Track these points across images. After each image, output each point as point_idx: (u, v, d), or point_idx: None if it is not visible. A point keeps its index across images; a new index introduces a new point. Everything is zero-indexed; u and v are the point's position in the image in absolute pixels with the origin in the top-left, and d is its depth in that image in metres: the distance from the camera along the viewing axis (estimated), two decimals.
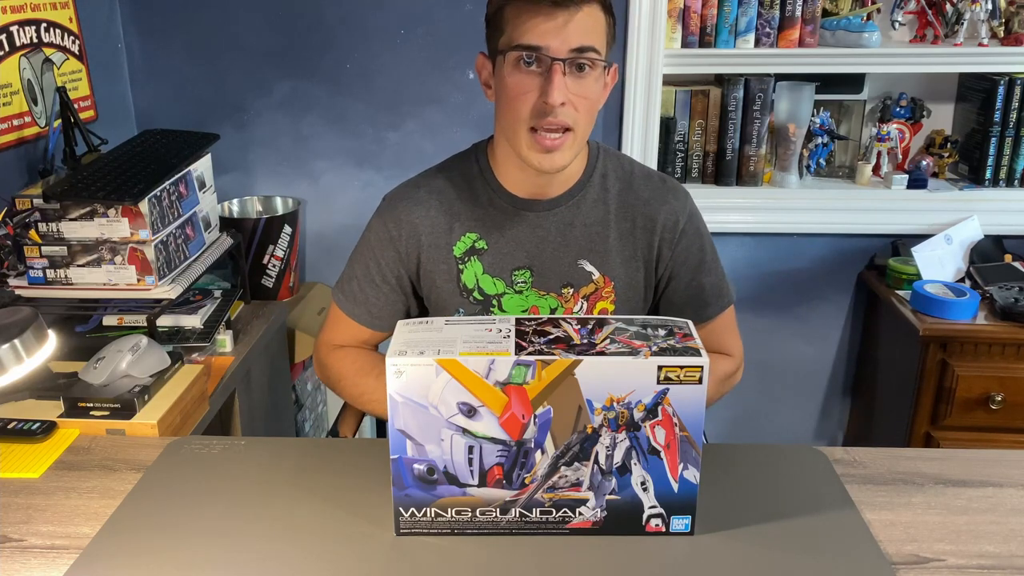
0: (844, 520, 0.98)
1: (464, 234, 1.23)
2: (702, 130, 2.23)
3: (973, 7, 2.08)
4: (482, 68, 1.18)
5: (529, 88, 1.08)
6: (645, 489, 0.92)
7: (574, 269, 1.23)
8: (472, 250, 1.23)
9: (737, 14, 2.10)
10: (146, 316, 1.52)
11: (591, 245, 1.22)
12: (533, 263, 1.22)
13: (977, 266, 2.09)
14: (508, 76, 1.09)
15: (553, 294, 1.23)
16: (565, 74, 1.06)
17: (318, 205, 2.28)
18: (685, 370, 0.87)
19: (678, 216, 1.23)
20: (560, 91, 1.06)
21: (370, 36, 2.13)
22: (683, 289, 1.25)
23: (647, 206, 1.23)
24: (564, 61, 1.06)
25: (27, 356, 0.93)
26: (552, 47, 1.05)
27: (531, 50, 1.06)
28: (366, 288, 1.25)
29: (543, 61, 1.06)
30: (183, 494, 1.04)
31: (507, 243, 1.22)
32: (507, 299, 1.23)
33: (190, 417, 1.35)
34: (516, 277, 1.23)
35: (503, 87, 1.11)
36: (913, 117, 2.29)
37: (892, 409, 2.13)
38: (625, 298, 1.24)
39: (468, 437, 0.90)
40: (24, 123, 1.71)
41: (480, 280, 1.23)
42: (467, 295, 1.24)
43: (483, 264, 1.23)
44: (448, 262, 1.23)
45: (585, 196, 1.22)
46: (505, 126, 1.13)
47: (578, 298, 1.23)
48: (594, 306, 1.24)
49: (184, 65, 2.17)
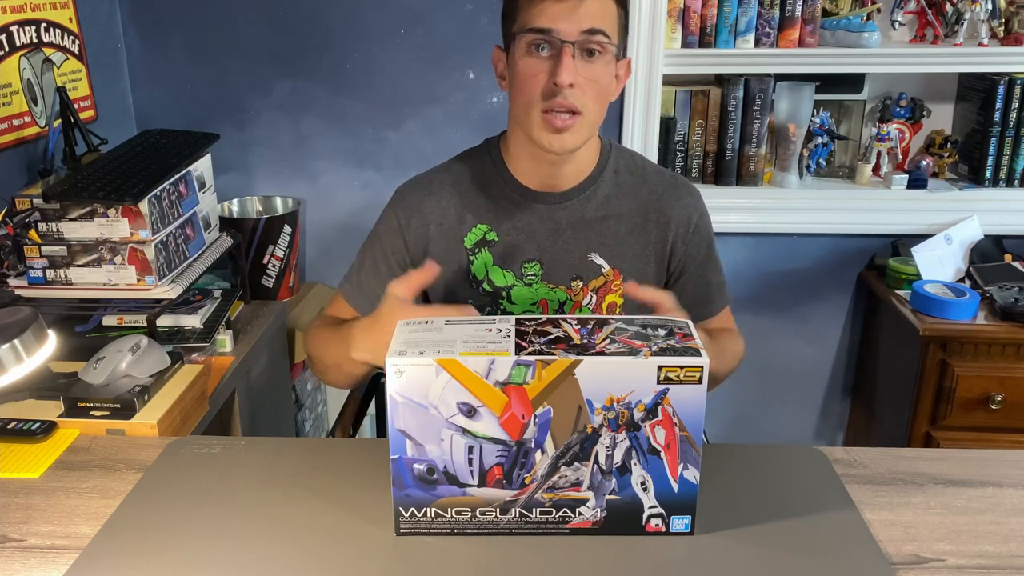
0: (844, 520, 0.98)
1: (475, 225, 1.23)
2: (702, 130, 2.23)
3: (973, 7, 2.08)
4: (498, 61, 1.20)
5: (539, 70, 1.10)
6: (645, 489, 0.92)
7: (584, 262, 1.23)
8: (483, 241, 1.23)
9: (737, 14, 2.10)
10: (146, 316, 1.52)
11: (602, 238, 1.23)
12: (543, 255, 1.23)
13: (977, 266, 2.09)
14: (520, 59, 1.11)
15: (562, 287, 1.24)
16: (575, 57, 1.08)
17: (318, 205, 2.28)
18: (685, 370, 0.87)
19: (691, 213, 1.25)
20: (569, 71, 1.07)
21: (370, 36, 2.13)
22: (692, 284, 1.27)
23: (660, 201, 1.24)
24: (574, 44, 1.08)
25: (27, 356, 0.93)
26: (562, 30, 1.07)
27: (541, 32, 1.08)
28: (371, 279, 1.25)
29: (553, 44, 1.08)
30: (183, 494, 1.04)
31: (518, 235, 1.23)
32: (516, 291, 1.24)
33: (190, 417, 1.35)
34: (526, 269, 1.23)
35: (515, 72, 1.13)
36: (913, 117, 2.29)
37: (892, 409, 2.13)
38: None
39: (468, 437, 0.90)
40: (24, 123, 1.71)
41: (490, 271, 1.23)
42: (476, 286, 1.24)
43: (493, 256, 1.23)
44: (459, 253, 1.23)
45: (597, 190, 1.23)
46: (517, 110, 1.15)
47: (587, 291, 1.24)
48: (603, 299, 1.24)
49: (184, 65, 2.17)
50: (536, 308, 1.24)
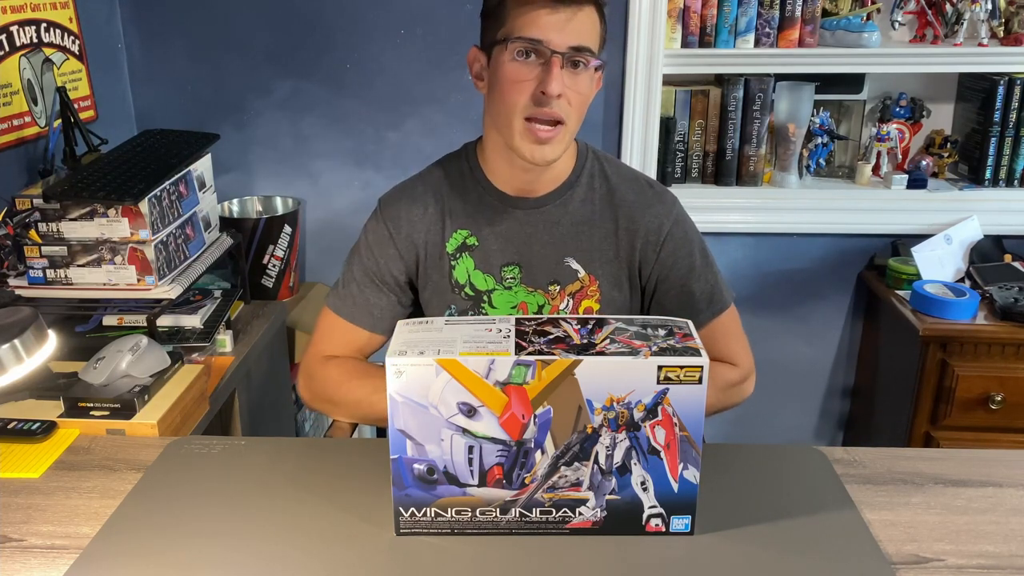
0: (844, 520, 0.98)
1: (456, 230, 1.23)
2: (702, 130, 2.23)
3: (973, 7, 2.08)
4: (474, 61, 1.19)
5: (527, 77, 1.09)
6: (645, 489, 0.92)
7: (561, 267, 1.23)
8: (463, 246, 1.23)
9: (737, 14, 2.10)
10: (146, 316, 1.52)
11: (577, 243, 1.23)
12: (522, 259, 1.23)
13: (977, 266, 2.09)
14: (506, 64, 1.10)
15: (540, 291, 1.24)
16: (563, 67, 1.08)
17: (318, 205, 2.28)
18: (685, 370, 0.87)
19: (662, 221, 1.23)
20: (559, 82, 1.08)
21: (370, 36, 2.13)
22: (673, 294, 1.24)
23: (630, 209, 1.23)
24: (563, 55, 1.08)
25: (27, 356, 0.93)
26: (553, 41, 1.08)
27: (532, 42, 1.08)
28: (367, 290, 1.24)
29: (542, 54, 1.08)
30: (183, 494, 1.04)
31: (496, 239, 1.23)
32: (497, 295, 1.24)
33: (190, 417, 1.35)
34: (505, 273, 1.23)
35: (499, 76, 1.12)
36: (913, 117, 2.29)
37: (892, 409, 2.13)
38: (610, 297, 1.24)
39: (468, 437, 0.90)
40: (24, 123, 1.71)
41: (472, 276, 1.24)
42: (459, 291, 1.24)
43: (474, 260, 1.23)
44: (442, 258, 1.24)
45: (572, 195, 1.23)
46: (498, 116, 1.14)
47: (564, 295, 1.24)
48: (579, 304, 1.24)
49: (184, 65, 2.17)
50: (517, 311, 1.24)
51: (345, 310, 1.25)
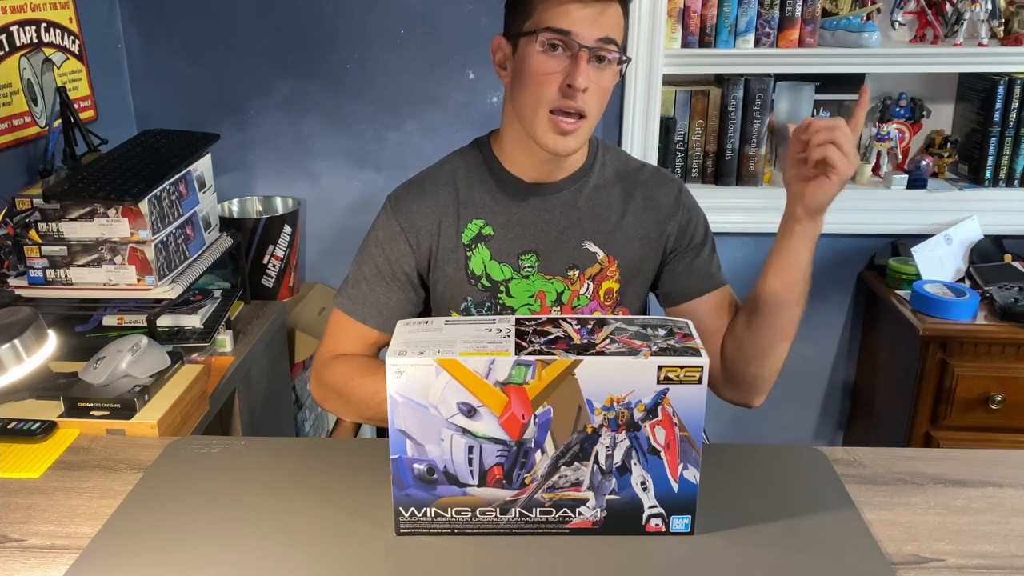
0: (844, 520, 0.98)
1: (471, 221, 1.24)
2: (702, 130, 2.23)
3: (973, 7, 2.08)
4: (498, 49, 1.20)
5: (554, 69, 1.10)
6: (645, 489, 0.92)
7: (579, 250, 1.24)
8: (479, 236, 1.24)
9: (737, 14, 2.10)
10: (146, 316, 1.52)
11: (595, 226, 1.25)
12: (539, 247, 1.24)
13: (977, 266, 2.09)
14: (533, 56, 1.11)
15: (559, 277, 1.24)
16: (588, 62, 1.10)
17: (318, 205, 2.28)
18: (685, 370, 0.87)
19: (677, 193, 1.29)
20: (586, 75, 1.09)
21: (370, 36, 2.13)
22: (689, 260, 1.28)
23: (645, 187, 1.27)
24: (590, 49, 1.09)
25: (27, 356, 0.93)
26: (582, 34, 1.09)
27: (561, 34, 1.09)
28: (376, 288, 1.24)
29: (570, 46, 1.09)
30: (183, 494, 1.04)
31: (513, 227, 1.24)
32: (514, 284, 1.24)
33: (190, 417, 1.35)
34: (523, 262, 1.24)
35: (526, 67, 1.13)
36: (913, 117, 2.29)
37: (892, 409, 2.13)
38: (630, 276, 1.27)
39: (468, 437, 0.90)
40: (24, 123, 1.71)
41: (488, 266, 1.24)
42: (475, 282, 1.24)
43: (490, 250, 1.24)
44: (457, 250, 1.24)
45: (588, 180, 1.26)
46: (522, 106, 1.15)
47: (584, 280, 1.25)
48: (600, 286, 1.25)
49: (184, 65, 2.17)
50: (534, 300, 1.25)
51: (355, 309, 1.24)
